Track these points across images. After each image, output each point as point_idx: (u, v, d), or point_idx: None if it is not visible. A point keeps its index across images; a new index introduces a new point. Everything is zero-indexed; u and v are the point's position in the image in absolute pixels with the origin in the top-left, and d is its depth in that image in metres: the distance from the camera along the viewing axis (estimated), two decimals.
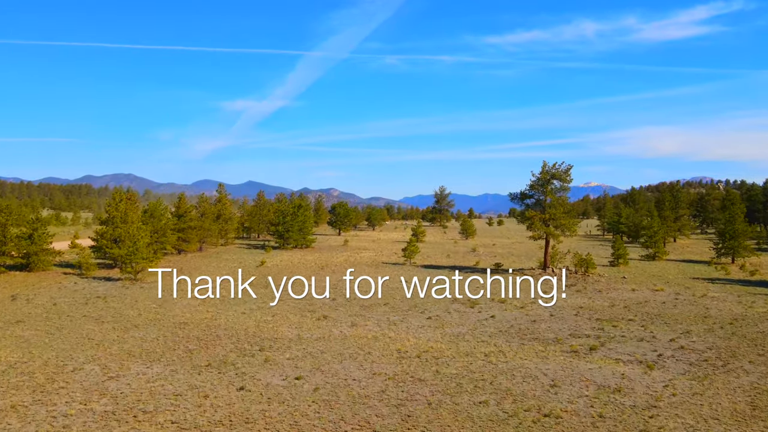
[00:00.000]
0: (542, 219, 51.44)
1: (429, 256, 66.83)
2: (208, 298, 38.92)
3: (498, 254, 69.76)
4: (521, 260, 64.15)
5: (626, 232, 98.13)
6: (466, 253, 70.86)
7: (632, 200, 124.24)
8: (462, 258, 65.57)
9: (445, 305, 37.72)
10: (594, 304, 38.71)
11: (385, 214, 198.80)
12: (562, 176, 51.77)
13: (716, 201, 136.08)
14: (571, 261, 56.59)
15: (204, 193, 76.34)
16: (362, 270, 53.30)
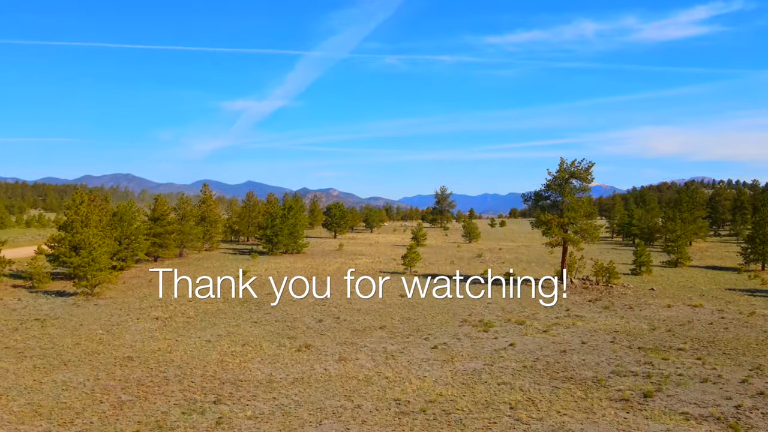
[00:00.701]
0: (560, 223, 45.08)
1: (431, 262, 60.47)
2: (171, 318, 32.52)
3: (506, 260, 63.38)
4: (532, 268, 57.77)
5: (638, 234, 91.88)
6: (471, 259, 64.51)
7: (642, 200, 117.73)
8: (467, 265, 59.18)
9: (453, 328, 31.34)
10: (629, 326, 32.33)
11: (384, 214, 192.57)
12: (582, 175, 45.44)
13: (727, 201, 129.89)
14: (591, 270, 50.33)
15: (183, 194, 69.92)
16: (357, 281, 46.94)
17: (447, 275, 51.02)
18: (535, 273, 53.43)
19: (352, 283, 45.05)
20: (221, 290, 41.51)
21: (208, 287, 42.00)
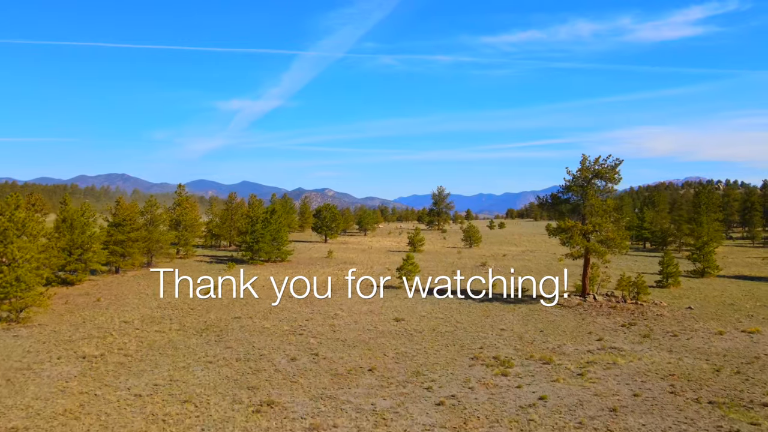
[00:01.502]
0: (583, 231, 38.11)
1: (430, 272, 53.42)
2: (102, 357, 25.36)
3: (514, 269, 56.34)
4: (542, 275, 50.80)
5: (650, 238, 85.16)
6: (474, 268, 57.49)
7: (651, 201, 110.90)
8: (471, 276, 52.14)
9: (462, 369, 24.29)
10: (685, 365, 25.35)
11: (379, 215, 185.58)
12: (609, 174, 38.49)
13: (735, 202, 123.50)
14: (613, 283, 43.38)
15: (153, 196, 62.64)
16: (343, 298, 39.82)
17: (449, 288, 43.97)
18: (549, 286, 46.42)
19: (337, 303, 38.03)
20: (178, 313, 34.37)
21: (165, 311, 34.87)
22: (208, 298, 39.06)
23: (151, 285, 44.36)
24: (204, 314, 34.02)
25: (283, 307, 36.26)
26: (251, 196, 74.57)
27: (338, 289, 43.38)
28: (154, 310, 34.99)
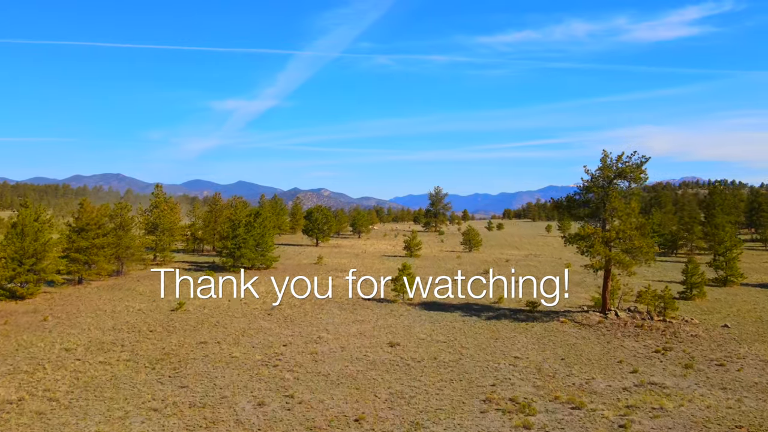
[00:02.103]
0: (605, 239, 33.05)
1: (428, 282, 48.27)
2: (21, 402, 20.12)
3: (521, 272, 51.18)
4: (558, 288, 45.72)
5: (660, 242, 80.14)
6: (479, 291, 52.34)
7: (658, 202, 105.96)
8: (475, 286, 47.00)
9: (473, 417, 19.16)
10: (748, 408, 20.31)
11: (374, 216, 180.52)
12: (634, 173, 33.46)
13: (741, 203, 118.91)
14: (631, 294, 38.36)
15: (126, 200, 57.26)
16: (330, 315, 34.63)
17: (451, 304, 38.87)
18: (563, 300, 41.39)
19: (323, 321, 32.86)
20: (134, 336, 29.13)
21: (120, 334, 29.64)
22: (177, 315, 33.84)
23: (114, 299, 39.07)
24: (165, 338, 28.79)
25: (260, 328, 31.06)
26: (234, 197, 69.14)
27: (322, 306, 38.21)
28: (107, 332, 29.73)
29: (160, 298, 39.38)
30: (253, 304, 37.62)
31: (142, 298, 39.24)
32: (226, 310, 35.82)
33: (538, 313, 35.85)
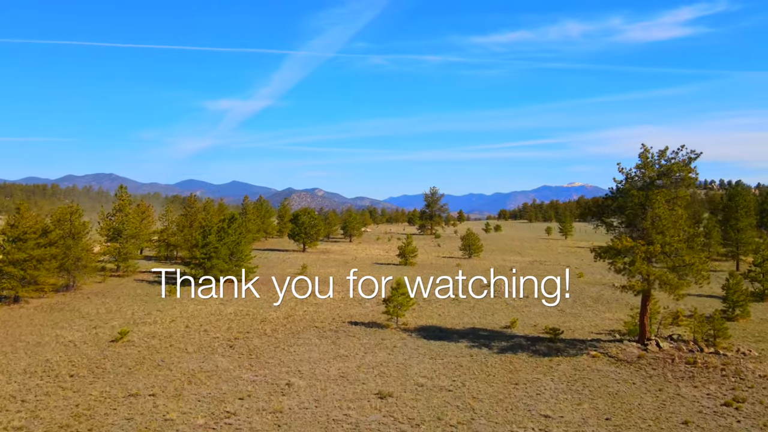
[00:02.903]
0: (647, 254, 26.45)
1: (426, 299, 41.60)
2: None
3: (529, 291, 44.54)
4: (572, 306, 39.14)
5: None
6: (480, 291, 45.65)
7: None
8: (479, 304, 40.32)
9: None
10: None
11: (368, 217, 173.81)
12: (684, 173, 26.89)
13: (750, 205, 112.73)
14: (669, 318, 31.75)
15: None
16: (306, 348, 27.81)
17: (454, 330, 32.19)
18: (583, 320, 34.82)
19: (297, 358, 26.07)
20: (46, 385, 22.27)
21: (30, 381, 22.74)
22: (115, 349, 26.98)
23: (47, 324, 32.14)
24: (85, 387, 21.94)
25: (214, 369, 24.26)
26: (207, 200, 61.85)
27: (302, 331, 31.45)
28: (12, 378, 22.84)
29: (105, 323, 32.50)
30: (215, 331, 30.80)
31: (82, 323, 32.33)
32: (179, 339, 28.98)
33: (561, 342, 29.21)
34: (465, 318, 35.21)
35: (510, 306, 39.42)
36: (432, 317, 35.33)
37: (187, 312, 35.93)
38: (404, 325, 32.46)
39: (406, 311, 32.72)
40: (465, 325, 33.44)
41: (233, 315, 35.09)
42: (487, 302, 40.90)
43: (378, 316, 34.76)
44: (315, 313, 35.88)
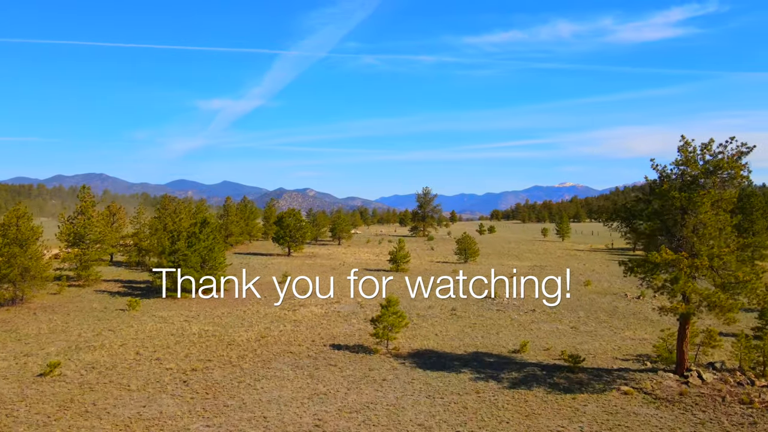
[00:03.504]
0: (692, 268, 21.61)
1: (419, 313, 36.64)
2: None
3: (535, 302, 39.62)
4: (587, 323, 34.27)
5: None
6: (481, 304, 40.76)
7: None
8: (482, 323, 35.40)
9: None
10: None
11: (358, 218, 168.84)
12: (735, 169, 22.09)
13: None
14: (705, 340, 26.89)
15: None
16: (274, 385, 22.70)
17: (454, 354, 27.23)
18: (599, 338, 29.99)
19: (264, 396, 20.99)
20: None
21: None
22: (39, 386, 21.78)
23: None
24: None
25: (156, 417, 19.13)
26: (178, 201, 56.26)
27: (274, 358, 26.37)
28: None
29: (41, 348, 27.28)
30: (170, 359, 25.66)
31: (13, 349, 27.09)
32: (123, 372, 23.81)
33: (582, 373, 24.34)
34: (466, 338, 30.28)
35: (515, 322, 34.56)
36: (428, 338, 30.38)
37: (144, 332, 30.76)
38: (395, 350, 27.46)
39: (398, 332, 27.73)
40: (467, 347, 28.51)
41: (197, 336, 29.96)
42: (489, 316, 36.02)
43: (365, 337, 29.76)
44: (292, 333, 30.83)
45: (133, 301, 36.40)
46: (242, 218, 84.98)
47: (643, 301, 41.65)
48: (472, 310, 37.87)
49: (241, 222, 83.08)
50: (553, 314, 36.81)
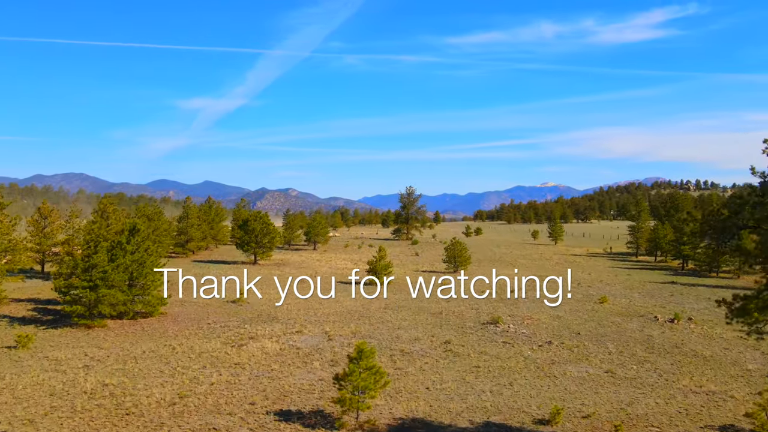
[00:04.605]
0: None
1: (405, 350, 27.69)
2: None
3: (550, 331, 30.89)
4: (626, 364, 25.59)
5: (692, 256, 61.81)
6: (481, 333, 31.92)
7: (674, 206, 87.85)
8: (488, 365, 26.53)
9: None
10: None
11: (338, 219, 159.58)
12: None
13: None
14: None
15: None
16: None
17: (452, 427, 18.37)
18: (652, 392, 21.35)
19: None
20: None
21: None
22: None
23: None
24: None
25: None
26: (101, 202, 46.19)
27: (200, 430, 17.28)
28: None
29: None
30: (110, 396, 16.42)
31: None
32: None
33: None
34: (470, 396, 21.45)
35: (531, 362, 25.87)
36: (416, 395, 21.49)
37: (16, 388, 21.48)
38: (369, 425, 18.51)
39: (374, 397, 18.80)
40: (473, 414, 19.70)
41: (87, 396, 20.74)
42: (495, 353, 27.27)
43: (328, 394, 20.77)
44: (227, 389, 21.75)
45: (23, 337, 26.97)
46: (205, 221, 75.45)
47: (680, 326, 33.34)
48: (472, 343, 29.11)
49: (204, 225, 73.55)
50: (576, 348, 28.24)
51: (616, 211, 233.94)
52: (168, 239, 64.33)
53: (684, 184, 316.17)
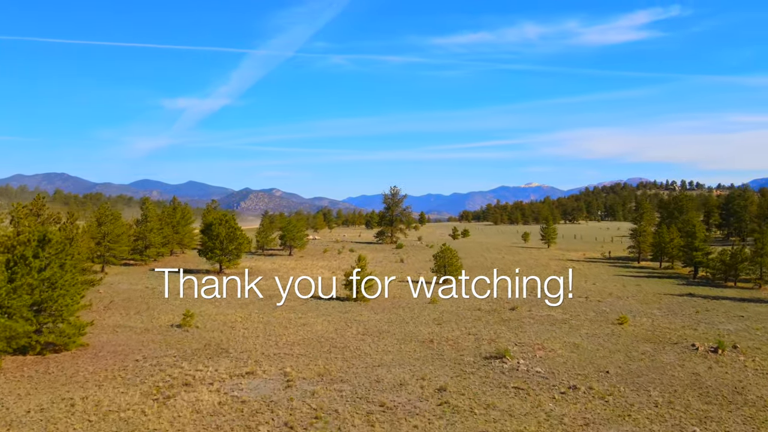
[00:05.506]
0: None
1: (385, 402, 20.60)
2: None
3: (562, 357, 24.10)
4: (684, 421, 18.79)
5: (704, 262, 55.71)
6: (485, 373, 24.91)
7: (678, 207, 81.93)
8: (496, 428, 19.49)
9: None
10: None
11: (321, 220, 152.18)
12: None
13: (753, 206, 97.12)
14: None
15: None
16: None
17: None
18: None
19: None
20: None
21: None
22: None
23: None
24: None
25: None
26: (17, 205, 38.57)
27: None
28: None
29: None
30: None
31: None
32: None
33: None
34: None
35: (555, 424, 18.97)
36: None
37: None
38: None
39: None
40: None
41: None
42: (505, 407, 20.35)
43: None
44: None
45: None
46: (169, 224, 67.76)
47: (727, 357, 26.74)
48: (474, 390, 22.13)
49: (167, 229, 65.87)
50: (610, 396, 21.40)
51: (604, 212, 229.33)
52: (123, 245, 56.77)
53: (669, 185, 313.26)
